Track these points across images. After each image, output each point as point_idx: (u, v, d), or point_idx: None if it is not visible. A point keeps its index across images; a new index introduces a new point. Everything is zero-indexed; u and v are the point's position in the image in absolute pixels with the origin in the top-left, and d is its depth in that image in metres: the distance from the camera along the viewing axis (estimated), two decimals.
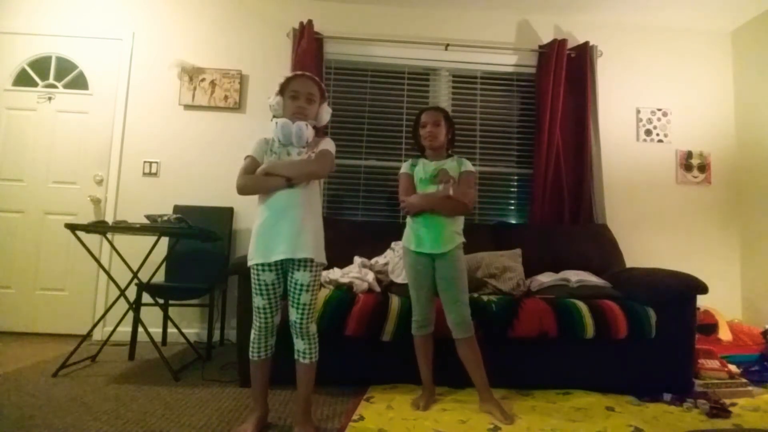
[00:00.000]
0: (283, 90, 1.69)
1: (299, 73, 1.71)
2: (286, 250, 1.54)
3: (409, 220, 1.95)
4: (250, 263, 1.59)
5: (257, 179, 1.58)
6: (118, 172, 3.09)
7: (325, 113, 1.73)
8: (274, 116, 1.70)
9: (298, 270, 1.57)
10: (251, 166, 1.62)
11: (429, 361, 1.91)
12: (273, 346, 1.66)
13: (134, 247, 2.77)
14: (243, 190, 1.61)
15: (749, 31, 3.34)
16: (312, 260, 1.57)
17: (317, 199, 1.68)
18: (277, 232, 1.55)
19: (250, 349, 1.63)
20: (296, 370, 1.62)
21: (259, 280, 1.57)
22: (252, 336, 1.62)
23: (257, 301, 1.59)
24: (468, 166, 1.95)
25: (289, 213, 1.57)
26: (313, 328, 1.62)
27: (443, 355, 1.97)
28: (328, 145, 1.69)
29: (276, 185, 1.57)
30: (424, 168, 1.95)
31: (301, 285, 1.57)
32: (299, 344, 1.61)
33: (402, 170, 2.03)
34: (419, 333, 1.91)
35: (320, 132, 1.96)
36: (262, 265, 1.56)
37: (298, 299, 1.57)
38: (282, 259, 1.55)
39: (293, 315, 1.59)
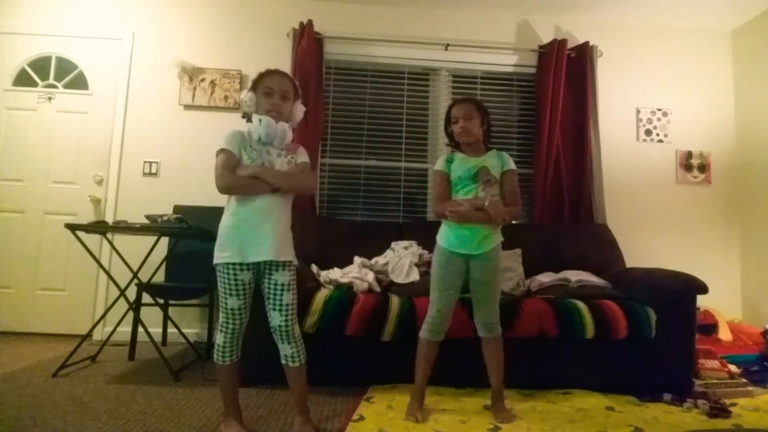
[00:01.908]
0: (255, 86, 1.64)
1: (273, 69, 1.66)
2: (269, 252, 1.52)
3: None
4: (223, 261, 1.52)
5: (245, 183, 1.53)
6: (118, 172, 3.09)
7: (299, 111, 1.69)
8: (245, 112, 1.66)
9: (277, 271, 1.55)
10: (231, 163, 1.54)
11: (429, 368, 1.82)
12: (240, 347, 1.59)
13: (134, 247, 2.76)
14: (227, 190, 1.54)
15: (749, 31, 3.34)
16: (291, 262, 1.58)
17: (290, 205, 1.67)
18: (257, 234, 1.52)
19: (220, 354, 1.54)
20: (287, 376, 1.58)
21: (236, 279, 1.52)
22: (221, 340, 1.54)
23: (232, 302, 1.52)
24: (511, 163, 1.84)
25: (271, 216, 1.55)
26: (297, 329, 1.58)
27: (445, 355, 1.96)
28: (306, 157, 1.69)
29: (262, 191, 1.54)
30: (462, 164, 1.82)
31: (282, 285, 1.54)
32: (286, 349, 1.56)
33: (437, 167, 1.86)
34: (429, 337, 1.79)
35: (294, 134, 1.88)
36: (240, 264, 1.52)
37: (281, 300, 1.54)
38: (263, 260, 1.53)
39: (276, 319, 1.54)
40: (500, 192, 1.82)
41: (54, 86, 3.17)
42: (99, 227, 2.31)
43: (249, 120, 1.64)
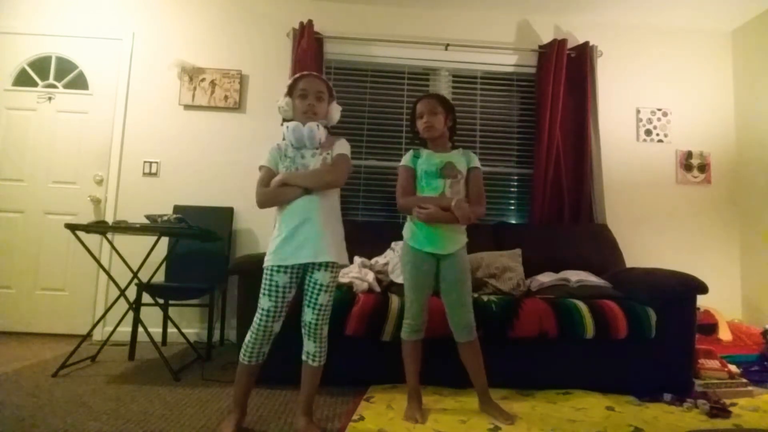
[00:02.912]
0: (291, 91, 1.68)
1: (306, 72, 1.70)
2: (308, 255, 1.54)
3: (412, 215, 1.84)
4: (265, 264, 1.57)
5: (275, 192, 1.58)
6: (118, 172, 3.09)
7: (335, 111, 1.72)
8: (284, 119, 1.69)
9: (318, 270, 1.57)
10: (267, 178, 1.61)
11: (419, 367, 1.81)
12: (266, 354, 1.61)
13: (134, 247, 2.76)
14: (263, 204, 1.60)
15: (749, 31, 3.34)
16: (334, 263, 1.58)
17: (336, 201, 1.67)
18: (298, 238, 1.55)
19: (243, 350, 1.58)
20: (303, 372, 1.61)
21: (271, 281, 1.55)
22: (248, 338, 1.57)
23: (263, 302, 1.56)
24: (476, 161, 1.87)
25: (310, 218, 1.56)
26: (326, 330, 1.62)
27: (444, 355, 1.97)
28: (343, 148, 1.66)
29: (294, 196, 1.57)
30: (428, 160, 1.83)
31: (321, 285, 1.57)
32: (310, 346, 1.60)
33: (403, 162, 1.87)
34: (412, 338, 1.80)
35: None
36: (278, 266, 1.55)
37: (316, 299, 1.57)
38: (303, 262, 1.55)
39: (308, 315, 1.58)
40: (465, 190, 1.83)
41: (54, 86, 3.17)
42: (99, 227, 2.31)
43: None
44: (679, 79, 3.42)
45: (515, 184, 3.35)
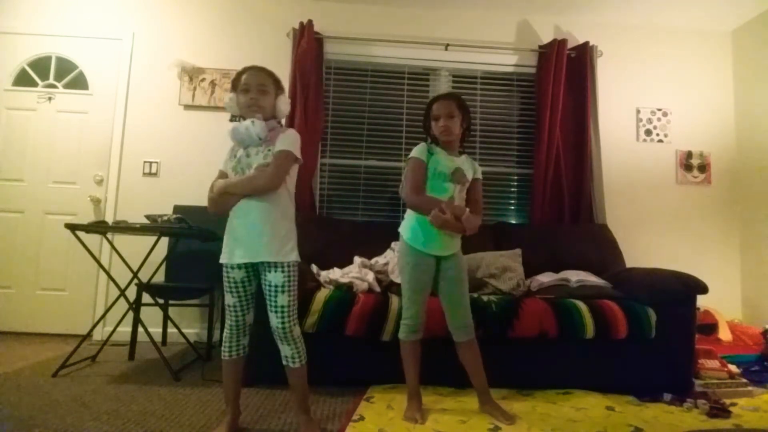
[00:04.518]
0: (234, 85, 1.65)
1: (249, 66, 1.66)
2: (245, 255, 1.54)
3: (414, 215, 1.80)
4: (222, 261, 1.59)
5: (217, 200, 1.58)
6: (118, 172, 3.09)
7: (283, 104, 1.66)
8: (232, 115, 1.68)
9: (269, 272, 1.54)
10: (216, 182, 1.62)
11: (418, 366, 1.80)
12: (246, 346, 1.62)
13: (134, 247, 2.77)
14: (210, 211, 1.63)
15: (749, 31, 3.34)
16: (283, 263, 1.54)
17: (281, 198, 1.60)
18: (237, 236, 1.56)
19: (222, 347, 1.60)
20: (288, 376, 1.60)
21: (228, 277, 1.57)
22: (224, 335, 1.60)
23: (227, 299, 1.58)
24: (480, 172, 1.90)
25: (248, 218, 1.55)
26: (297, 330, 1.57)
27: (444, 355, 1.96)
28: (285, 143, 1.57)
29: (233, 203, 1.57)
30: (441, 161, 1.79)
31: (275, 286, 1.53)
32: (285, 350, 1.57)
33: (415, 154, 1.80)
34: (411, 338, 1.79)
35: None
36: (231, 264, 1.57)
37: (275, 302, 1.53)
38: (240, 263, 1.55)
39: (273, 320, 1.54)
40: (465, 197, 1.85)
41: (54, 86, 3.17)
42: (99, 227, 2.31)
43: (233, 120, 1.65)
44: (679, 79, 3.42)
45: (515, 184, 3.35)
